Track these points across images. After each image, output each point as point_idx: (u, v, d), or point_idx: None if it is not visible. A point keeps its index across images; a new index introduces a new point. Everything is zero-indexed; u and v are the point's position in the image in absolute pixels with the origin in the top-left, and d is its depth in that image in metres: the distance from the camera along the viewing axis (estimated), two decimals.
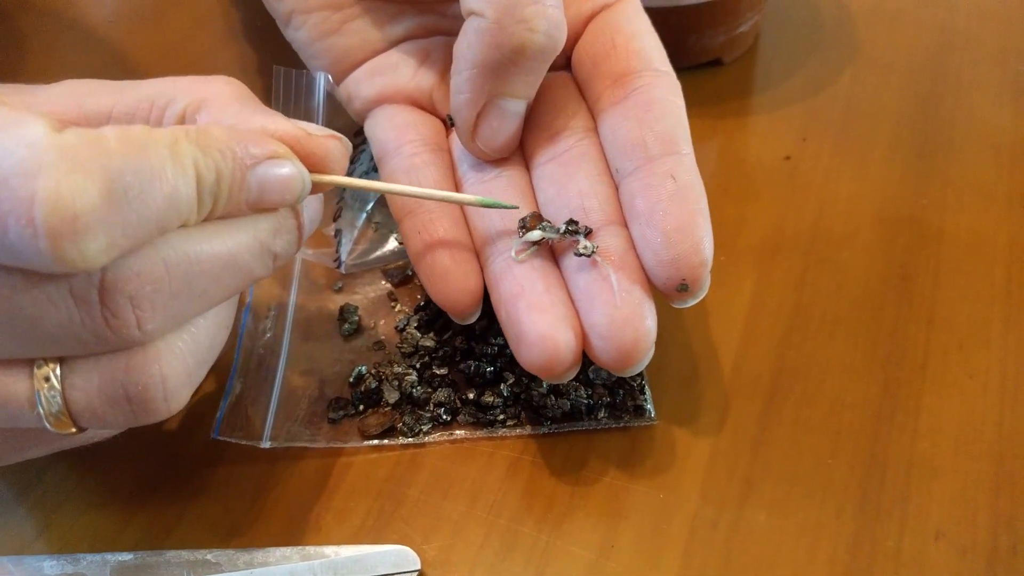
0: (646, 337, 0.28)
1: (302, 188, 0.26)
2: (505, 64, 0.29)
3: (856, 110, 0.43)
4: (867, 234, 0.38)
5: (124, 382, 0.24)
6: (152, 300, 0.23)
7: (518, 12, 0.28)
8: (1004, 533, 0.29)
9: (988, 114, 0.43)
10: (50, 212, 0.19)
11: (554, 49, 0.29)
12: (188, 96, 0.27)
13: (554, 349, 0.27)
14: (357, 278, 0.37)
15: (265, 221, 0.25)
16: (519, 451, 0.32)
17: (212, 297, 0.25)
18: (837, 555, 0.29)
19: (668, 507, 0.30)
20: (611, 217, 0.30)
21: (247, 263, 0.25)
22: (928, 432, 0.31)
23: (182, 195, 0.22)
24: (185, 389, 0.25)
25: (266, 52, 0.48)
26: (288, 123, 0.26)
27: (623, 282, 0.28)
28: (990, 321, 0.34)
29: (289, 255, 0.27)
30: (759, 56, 0.47)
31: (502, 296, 0.29)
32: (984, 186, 0.39)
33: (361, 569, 0.28)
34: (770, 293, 0.36)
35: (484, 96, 0.30)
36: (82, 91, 0.27)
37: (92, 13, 0.52)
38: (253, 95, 0.28)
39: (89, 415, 0.24)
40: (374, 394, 0.33)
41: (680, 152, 0.29)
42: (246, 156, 0.24)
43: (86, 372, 0.24)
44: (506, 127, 0.31)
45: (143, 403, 0.24)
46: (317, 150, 0.26)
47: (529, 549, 0.29)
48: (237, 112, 0.26)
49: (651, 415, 0.32)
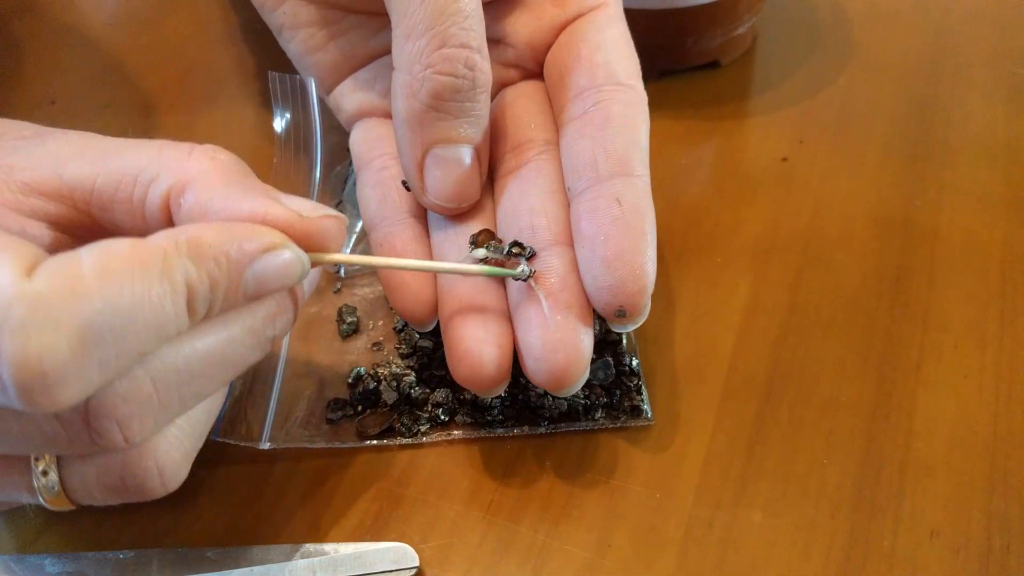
0: (578, 360, 0.28)
1: (301, 270, 0.25)
2: (427, 112, 0.29)
3: (852, 112, 0.44)
4: (862, 235, 0.38)
5: (120, 475, 0.24)
6: (140, 417, 0.22)
7: (425, 59, 0.28)
8: (998, 532, 0.29)
9: (983, 116, 0.43)
10: (17, 371, 0.19)
11: (471, 87, 0.29)
12: (172, 175, 0.25)
13: (478, 365, 0.28)
14: (355, 280, 0.37)
15: (260, 309, 0.25)
16: (516, 451, 0.32)
17: (205, 392, 0.25)
18: (832, 554, 0.29)
19: (664, 507, 0.30)
20: (558, 237, 0.30)
21: (241, 355, 0.25)
22: (922, 432, 0.32)
23: (169, 315, 0.21)
24: (183, 470, 0.25)
25: (264, 55, 0.48)
26: (280, 208, 0.25)
27: (559, 305, 0.28)
28: (984, 321, 0.35)
29: (286, 332, 0.27)
30: (756, 58, 0.47)
31: (443, 309, 0.30)
32: (979, 187, 0.39)
33: (360, 566, 0.29)
34: (766, 293, 0.36)
35: (420, 148, 0.30)
36: (65, 154, 0.26)
37: (91, 16, 0.52)
38: (240, 164, 0.27)
39: (88, 499, 0.25)
40: (372, 394, 0.33)
41: (631, 174, 0.29)
42: (241, 256, 0.23)
43: (82, 466, 0.24)
44: (451, 175, 0.30)
45: (140, 491, 0.25)
46: (312, 231, 0.25)
47: (526, 548, 0.29)
48: (225, 194, 0.25)
49: (647, 415, 0.32)
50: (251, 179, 0.26)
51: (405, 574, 0.29)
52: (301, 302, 0.27)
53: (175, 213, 0.25)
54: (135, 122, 0.45)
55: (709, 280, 0.37)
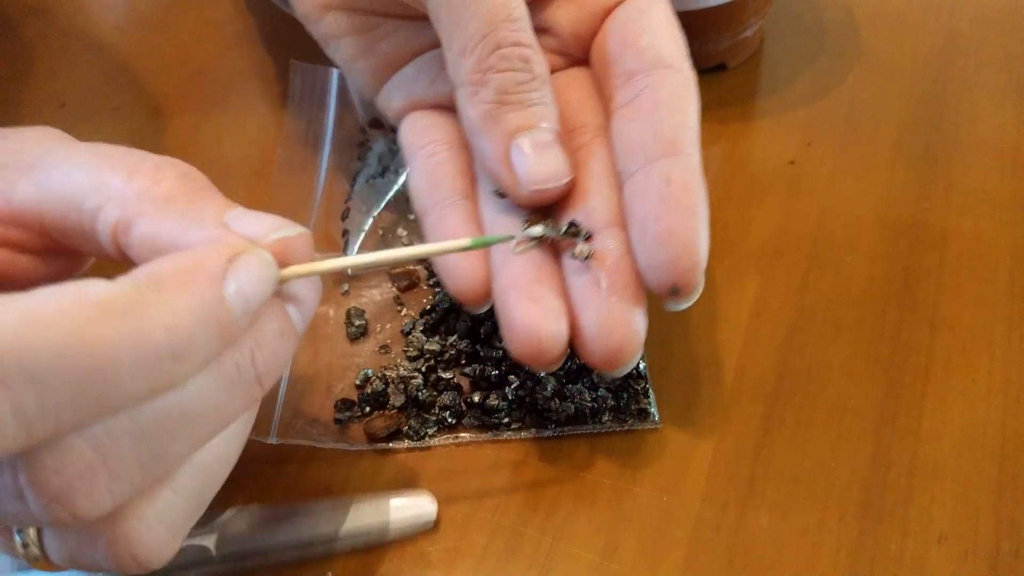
0: (633, 340, 0.28)
1: (270, 274, 0.23)
2: (496, 109, 0.29)
3: (860, 114, 0.43)
4: (870, 237, 0.38)
5: (96, 557, 0.22)
6: (87, 490, 0.20)
7: (483, 65, 0.29)
8: (1007, 536, 0.29)
9: (991, 117, 0.43)
10: None
11: (531, 78, 0.29)
12: (116, 206, 0.24)
13: (538, 339, 0.28)
14: (364, 282, 0.38)
15: (227, 350, 0.22)
16: (523, 454, 0.32)
17: (176, 454, 0.22)
18: (839, 558, 0.29)
19: (671, 509, 0.30)
20: (612, 219, 0.30)
21: (216, 405, 0.22)
22: (931, 435, 0.31)
23: (133, 380, 0.19)
24: (168, 547, 0.23)
25: (274, 57, 0.48)
26: (232, 236, 0.23)
27: (615, 286, 0.28)
28: (993, 324, 0.34)
29: (282, 365, 0.24)
30: (763, 61, 0.47)
31: (498, 286, 0.30)
32: (987, 189, 0.39)
33: (381, 514, 0.30)
34: (773, 296, 0.36)
35: (501, 145, 0.30)
36: (13, 175, 0.25)
37: (100, 20, 0.53)
38: (191, 180, 0.25)
39: (73, 568, 0.23)
40: (380, 396, 0.33)
41: (682, 153, 0.29)
42: (212, 279, 0.21)
43: (60, 540, 0.23)
44: (538, 156, 0.30)
45: (121, 571, 0.22)
46: (274, 252, 0.23)
47: (533, 551, 0.29)
48: (172, 228, 0.23)
49: (655, 418, 0.32)
50: (204, 199, 0.24)
51: (426, 522, 0.30)
52: (300, 324, 0.25)
53: (126, 251, 0.24)
54: (145, 125, 0.46)
55: (717, 282, 0.37)
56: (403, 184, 0.39)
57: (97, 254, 0.26)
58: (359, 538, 0.30)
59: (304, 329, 0.25)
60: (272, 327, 0.23)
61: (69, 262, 0.28)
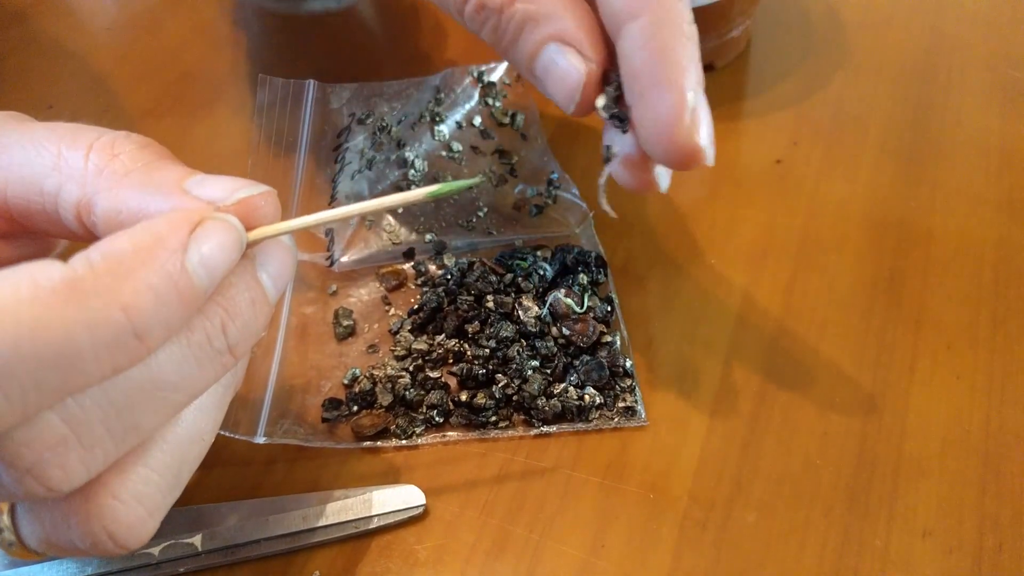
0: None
1: (237, 238, 0.22)
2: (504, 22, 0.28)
3: (846, 114, 0.44)
4: (856, 237, 0.38)
5: (71, 537, 0.22)
6: (59, 463, 0.20)
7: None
8: (990, 532, 0.29)
9: (977, 118, 0.43)
10: None
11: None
12: (77, 186, 0.23)
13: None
14: (352, 282, 0.38)
15: (196, 317, 0.21)
16: (511, 452, 0.32)
17: (149, 425, 0.21)
18: (825, 554, 0.29)
19: (658, 507, 0.30)
20: None
21: (187, 375, 0.21)
22: (916, 432, 0.32)
23: (95, 353, 0.19)
24: (146, 526, 0.23)
25: (260, 61, 0.48)
26: (192, 201, 0.23)
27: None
28: (977, 322, 0.35)
29: (247, 340, 0.23)
30: (750, 61, 0.47)
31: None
32: (973, 189, 0.40)
33: (370, 508, 0.30)
34: (760, 295, 0.36)
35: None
36: None
37: (88, 22, 0.53)
38: (147, 151, 0.24)
39: (49, 551, 0.23)
40: (368, 395, 0.33)
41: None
42: (172, 251, 0.21)
43: (34, 517, 0.22)
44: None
45: (97, 551, 0.22)
46: (239, 214, 0.23)
47: (520, 549, 0.29)
48: (131, 199, 0.23)
49: (642, 416, 0.32)
50: (163, 168, 0.24)
51: (413, 511, 0.30)
52: (272, 292, 0.24)
53: (92, 229, 0.24)
54: (132, 127, 0.45)
55: (704, 282, 0.37)
56: (399, 177, 0.39)
57: (66, 236, 0.25)
58: (348, 526, 0.30)
59: (277, 297, 0.24)
60: (243, 296, 0.23)
61: (40, 245, 0.27)
